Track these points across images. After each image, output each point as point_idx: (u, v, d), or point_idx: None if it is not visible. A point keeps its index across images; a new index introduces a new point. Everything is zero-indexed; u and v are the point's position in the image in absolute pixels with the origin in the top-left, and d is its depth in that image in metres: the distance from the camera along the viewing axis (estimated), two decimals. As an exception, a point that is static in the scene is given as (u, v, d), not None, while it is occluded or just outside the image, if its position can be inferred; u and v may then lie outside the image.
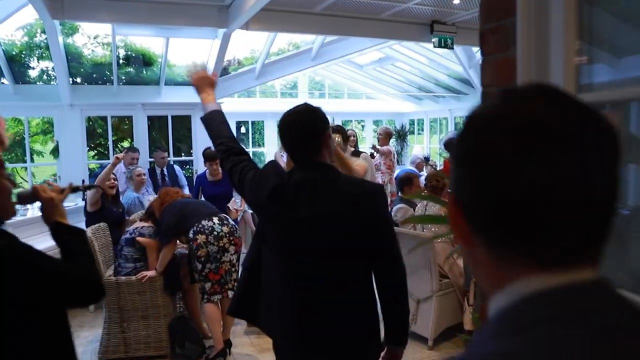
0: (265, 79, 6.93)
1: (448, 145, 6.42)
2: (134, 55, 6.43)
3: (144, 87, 6.70)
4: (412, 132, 12.14)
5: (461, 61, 7.58)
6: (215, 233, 3.73)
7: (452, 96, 9.73)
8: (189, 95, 6.84)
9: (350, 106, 11.63)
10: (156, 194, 6.37)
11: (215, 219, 3.81)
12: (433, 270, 4.13)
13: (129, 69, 6.59)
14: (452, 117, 10.28)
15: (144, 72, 6.74)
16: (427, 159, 9.72)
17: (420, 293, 4.28)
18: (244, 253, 3.99)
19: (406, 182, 5.35)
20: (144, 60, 6.56)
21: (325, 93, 11.72)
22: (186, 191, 6.74)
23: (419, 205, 4.85)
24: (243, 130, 11.59)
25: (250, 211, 6.86)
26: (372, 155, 8.57)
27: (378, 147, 6.69)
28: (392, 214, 5.09)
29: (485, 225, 0.55)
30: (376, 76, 10.11)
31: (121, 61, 6.44)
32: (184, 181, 6.75)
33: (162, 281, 3.98)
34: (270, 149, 10.67)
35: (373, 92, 11.17)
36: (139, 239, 4.01)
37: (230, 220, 3.92)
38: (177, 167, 6.79)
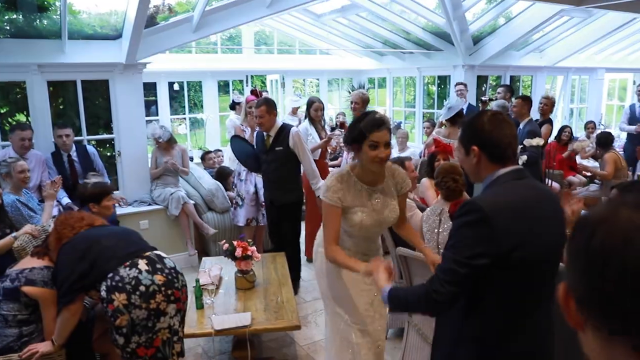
0: (206, 31, 5.29)
1: (453, 118, 5.12)
2: (18, -5, 4.61)
3: (39, 41, 4.92)
4: (372, 88, 10.83)
5: (446, 10, 6.26)
6: (141, 288, 2.32)
7: (422, 52, 8.45)
8: (104, 52, 5.13)
9: (302, 63, 10.13)
10: (67, 194, 4.79)
11: (142, 263, 2.39)
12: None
13: (15, 16, 4.78)
14: (420, 76, 9.03)
15: (38, 20, 4.95)
16: (398, 126, 8.53)
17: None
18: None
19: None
20: (36, 4, 4.76)
21: (273, 48, 10.11)
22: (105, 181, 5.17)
23: (428, 211, 3.60)
24: (176, 87, 9.82)
25: (192, 202, 5.42)
26: (336, 127, 7.23)
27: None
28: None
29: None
30: (335, 27, 8.62)
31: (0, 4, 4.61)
32: (100, 165, 5.16)
33: (65, 357, 2.58)
34: (210, 114, 9.07)
35: (329, 46, 9.69)
36: (27, 289, 2.53)
37: (167, 261, 2.51)
38: (90, 148, 5.17)
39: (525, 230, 1.56)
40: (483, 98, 6.91)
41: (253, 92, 5.25)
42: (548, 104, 5.91)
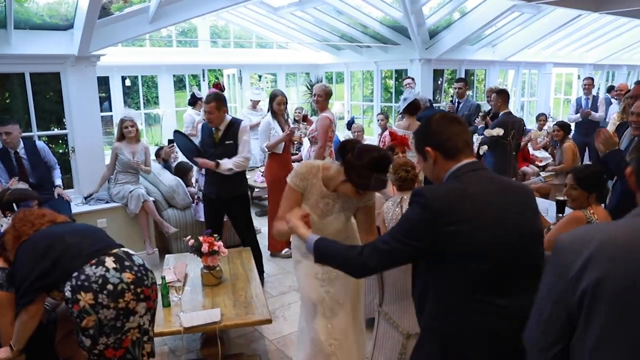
0: (164, 22, 5.12)
1: (410, 109, 5.20)
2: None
3: (-18, 31, 4.65)
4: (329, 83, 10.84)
5: (404, 3, 6.33)
6: (109, 287, 2.22)
7: (379, 46, 8.53)
8: (54, 44, 4.89)
9: (259, 57, 10.02)
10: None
11: (109, 260, 2.29)
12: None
13: (-45, 4, 4.48)
14: (378, 70, 9.12)
15: (-20, 9, 4.66)
16: (352, 121, 8.54)
17: (411, 325, 3.15)
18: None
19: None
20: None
21: (230, 42, 9.94)
22: (57, 175, 4.92)
23: (389, 203, 3.64)
24: (128, 82, 9.52)
25: (152, 199, 5.26)
26: (303, 119, 7.19)
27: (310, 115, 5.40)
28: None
29: None
30: (292, 21, 8.57)
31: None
32: (51, 160, 4.88)
33: (25, 362, 2.44)
34: (167, 109, 8.83)
35: (286, 40, 9.63)
36: (-22, 291, 2.38)
37: (135, 258, 2.42)
38: (40, 143, 4.89)
39: (472, 217, 1.57)
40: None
41: (216, 85, 5.14)
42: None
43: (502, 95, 5.53)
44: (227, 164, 4.24)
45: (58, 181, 4.87)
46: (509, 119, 5.39)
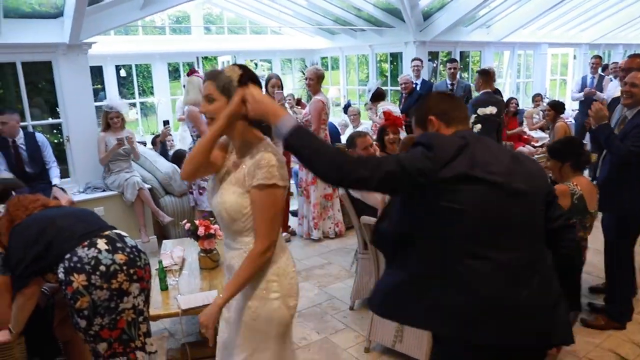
0: (155, 8, 5.08)
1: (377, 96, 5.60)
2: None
3: (-28, 21, 4.62)
4: (325, 69, 10.81)
5: (397, -14, 6.30)
6: (102, 268, 2.24)
7: (373, 29, 8.48)
8: (44, 32, 4.88)
9: (253, 43, 9.98)
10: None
11: (101, 242, 2.30)
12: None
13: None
14: (373, 53, 9.08)
15: (-30, -2, 4.63)
16: (348, 105, 8.55)
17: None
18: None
19: (349, 144, 4.13)
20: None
21: (224, 28, 9.89)
22: (54, 174, 4.88)
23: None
24: (123, 73, 9.51)
25: (149, 186, 5.27)
26: (296, 103, 7.21)
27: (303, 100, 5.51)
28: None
29: None
30: (285, 5, 8.52)
31: None
32: (50, 155, 4.86)
33: (24, 345, 2.47)
34: (162, 97, 8.82)
35: (280, 25, 9.57)
36: (-25, 276, 2.40)
37: (128, 239, 2.43)
38: (40, 136, 4.88)
39: (472, 164, 1.56)
40: None
41: (192, 72, 5.12)
42: None
43: (483, 75, 5.52)
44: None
45: (56, 180, 4.82)
46: (489, 99, 5.35)
